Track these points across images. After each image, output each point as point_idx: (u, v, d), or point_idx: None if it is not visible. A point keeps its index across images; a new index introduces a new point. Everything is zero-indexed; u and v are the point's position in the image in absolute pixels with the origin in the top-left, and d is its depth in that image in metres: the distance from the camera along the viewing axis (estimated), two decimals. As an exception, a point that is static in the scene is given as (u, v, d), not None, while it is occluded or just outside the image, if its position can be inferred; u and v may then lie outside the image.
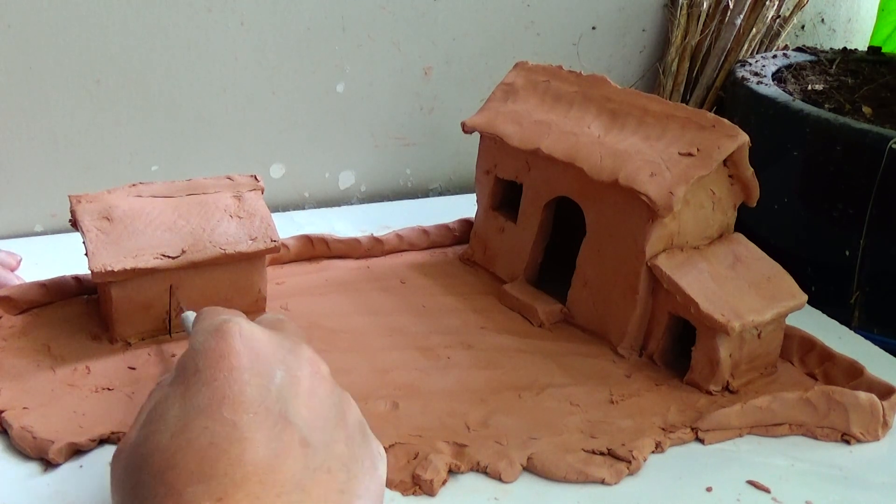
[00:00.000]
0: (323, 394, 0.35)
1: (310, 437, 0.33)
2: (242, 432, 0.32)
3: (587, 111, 0.57)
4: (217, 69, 0.71)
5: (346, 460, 0.34)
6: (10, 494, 0.40)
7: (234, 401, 0.33)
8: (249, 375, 0.34)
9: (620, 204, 0.53)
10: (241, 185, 0.54)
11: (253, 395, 0.33)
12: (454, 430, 0.46)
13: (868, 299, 0.63)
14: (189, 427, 0.32)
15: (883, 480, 0.46)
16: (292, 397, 0.34)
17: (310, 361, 0.36)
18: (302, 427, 0.33)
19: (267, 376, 0.34)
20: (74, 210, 0.50)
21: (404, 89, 0.80)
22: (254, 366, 0.34)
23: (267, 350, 0.35)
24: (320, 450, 0.33)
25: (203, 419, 0.32)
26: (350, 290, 0.60)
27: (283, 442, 0.32)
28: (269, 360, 0.35)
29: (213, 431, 0.32)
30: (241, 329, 0.35)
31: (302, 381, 0.35)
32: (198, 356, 0.34)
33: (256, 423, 0.32)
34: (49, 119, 0.66)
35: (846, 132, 0.61)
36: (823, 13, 1.00)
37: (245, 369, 0.34)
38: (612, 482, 0.44)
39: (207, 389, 0.33)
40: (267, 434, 0.32)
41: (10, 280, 0.56)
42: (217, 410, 0.32)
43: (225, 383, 0.33)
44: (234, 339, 0.35)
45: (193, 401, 0.33)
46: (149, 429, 0.33)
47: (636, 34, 0.89)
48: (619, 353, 0.54)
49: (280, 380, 0.34)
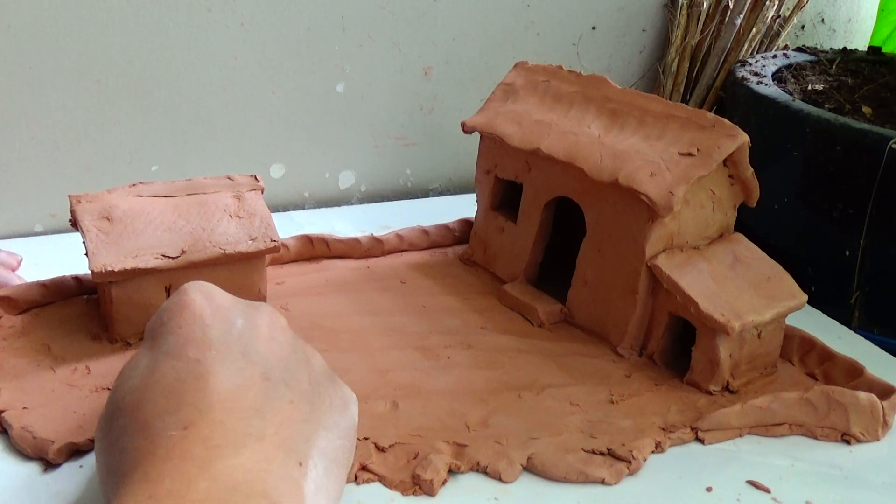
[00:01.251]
0: (283, 339, 0.38)
1: (270, 373, 0.36)
2: (206, 367, 0.34)
3: (587, 111, 0.57)
4: (217, 69, 0.71)
5: (310, 396, 0.37)
6: (10, 494, 0.40)
7: (197, 342, 0.35)
8: (211, 321, 0.37)
9: (620, 204, 0.53)
10: (241, 185, 0.54)
11: (215, 336, 0.36)
12: (454, 430, 0.46)
13: (868, 299, 0.63)
14: (157, 369, 0.35)
15: (883, 480, 0.46)
16: (253, 340, 0.37)
17: (269, 313, 0.39)
18: (262, 364, 0.36)
19: (228, 323, 0.37)
20: (74, 210, 0.50)
21: (404, 89, 0.80)
22: (215, 315, 0.37)
23: (226, 303, 0.38)
24: (280, 384, 0.36)
25: (170, 360, 0.35)
26: (350, 290, 0.60)
27: (245, 375, 0.35)
28: (229, 309, 0.38)
29: (178, 369, 0.34)
30: (200, 286, 0.38)
31: (261, 327, 0.38)
32: (162, 313, 0.38)
33: (219, 359, 0.35)
34: (49, 119, 0.66)
35: (846, 132, 0.61)
36: (823, 13, 1.00)
37: (207, 316, 0.37)
38: (612, 482, 0.44)
39: (172, 336, 0.36)
40: (229, 367, 0.35)
41: (11, 280, 0.56)
42: (182, 351, 0.35)
43: (189, 329, 0.36)
44: (194, 293, 0.38)
45: (161, 348, 0.36)
46: (120, 381, 0.36)
47: (636, 34, 0.89)
48: (619, 353, 0.54)
49: (240, 325, 0.37)
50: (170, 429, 0.32)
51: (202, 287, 0.38)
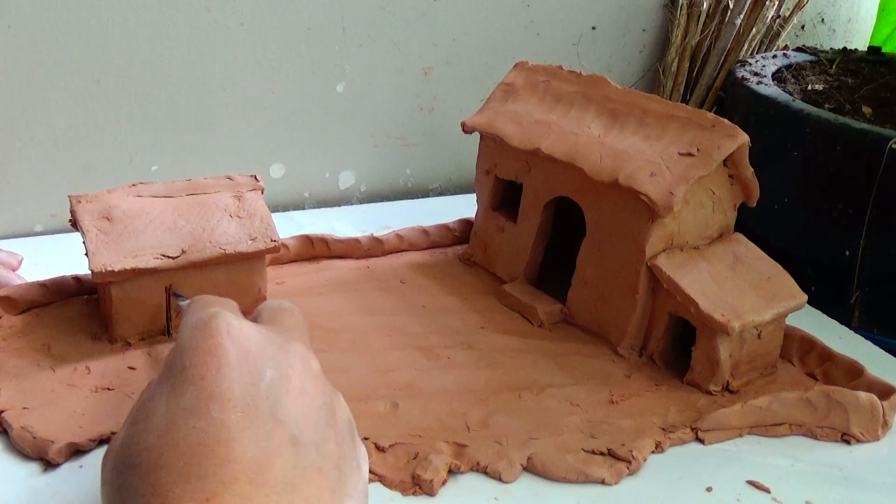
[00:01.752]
0: (314, 392, 0.35)
1: (300, 435, 0.32)
2: (231, 431, 0.31)
3: (587, 111, 0.57)
4: (217, 69, 0.71)
5: (337, 459, 0.33)
6: (10, 494, 0.40)
7: (221, 399, 0.32)
8: (238, 373, 0.33)
9: (620, 204, 0.53)
10: (241, 185, 0.54)
11: (241, 394, 0.32)
12: (454, 430, 0.46)
13: (868, 299, 0.63)
14: (176, 426, 0.31)
15: (883, 480, 0.46)
16: (282, 395, 0.33)
17: (301, 359, 0.35)
18: (292, 426, 0.32)
19: (256, 374, 0.33)
20: (74, 210, 0.50)
21: (404, 89, 0.80)
22: (242, 363, 0.33)
23: (256, 347, 0.34)
24: (311, 449, 0.32)
25: (191, 418, 0.31)
26: (350, 290, 0.60)
27: (273, 441, 0.32)
28: (258, 358, 0.34)
29: (200, 431, 0.31)
30: (230, 325, 0.34)
31: (292, 378, 0.34)
32: (184, 353, 0.34)
33: (245, 421, 0.32)
34: (49, 119, 0.66)
35: (846, 132, 0.61)
36: (823, 13, 1.00)
37: (233, 367, 0.33)
38: (612, 482, 0.44)
39: (194, 388, 0.32)
40: (256, 433, 0.31)
41: (11, 280, 0.56)
42: (205, 409, 0.32)
43: (212, 381, 0.32)
44: (222, 336, 0.34)
45: (180, 399, 0.32)
46: (136, 428, 0.33)
47: (636, 34, 0.89)
48: (619, 353, 0.54)
49: (270, 377, 0.33)
50: (189, 500, 0.29)
51: (231, 325, 0.34)
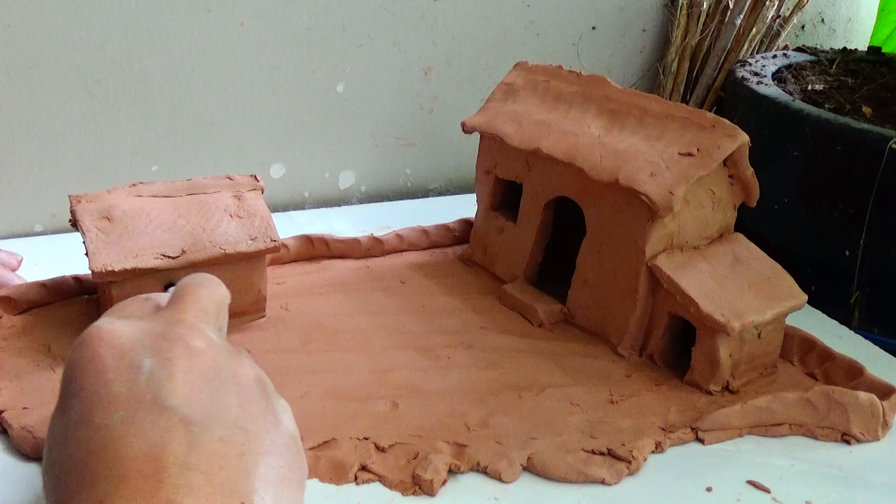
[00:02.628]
0: (202, 366, 0.35)
1: (190, 414, 0.33)
2: (115, 433, 0.32)
3: (587, 111, 0.57)
4: (217, 69, 0.71)
5: (243, 422, 0.34)
6: (10, 494, 0.40)
7: (103, 404, 0.33)
8: (114, 374, 0.33)
9: (620, 204, 0.53)
10: (241, 184, 0.54)
11: (120, 392, 0.33)
12: (454, 430, 0.46)
13: (868, 299, 0.63)
14: (67, 441, 0.32)
15: (883, 480, 0.46)
16: (165, 380, 0.33)
17: (181, 340, 0.35)
18: (181, 406, 0.33)
19: (134, 368, 0.34)
20: (74, 210, 0.50)
21: (404, 89, 0.80)
22: (118, 363, 0.34)
23: (131, 343, 0.35)
24: (206, 421, 0.33)
25: (78, 430, 0.32)
26: (350, 290, 0.60)
27: (160, 427, 0.32)
28: (135, 352, 0.34)
29: (88, 439, 0.32)
30: (101, 330, 0.35)
31: (175, 360, 0.34)
32: (67, 370, 0.35)
33: (128, 419, 0.32)
34: (49, 119, 0.66)
35: (846, 132, 0.61)
36: (823, 13, 1.00)
37: (109, 370, 0.34)
38: (612, 482, 0.44)
39: (78, 400, 0.33)
40: (141, 426, 0.32)
41: (11, 280, 0.56)
42: (89, 418, 0.32)
43: (92, 389, 0.33)
44: (94, 343, 0.34)
45: (69, 415, 0.33)
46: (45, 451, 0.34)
47: (636, 34, 0.89)
48: (619, 353, 0.54)
49: (149, 367, 0.34)
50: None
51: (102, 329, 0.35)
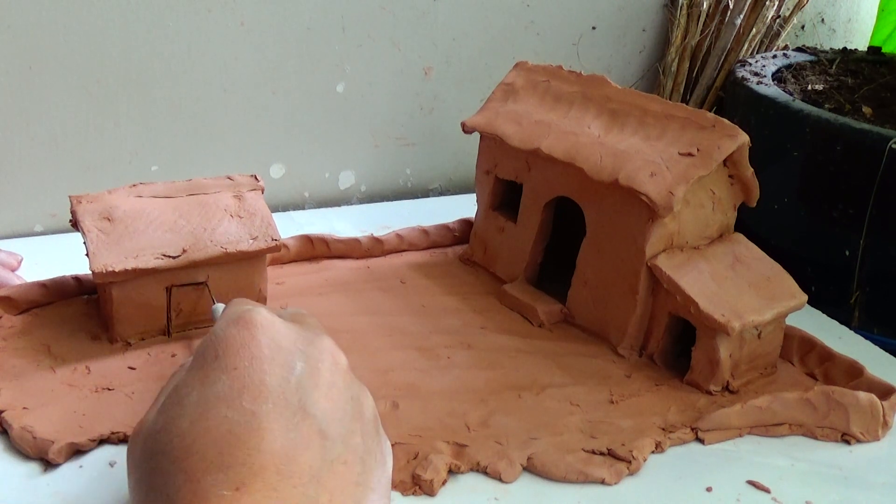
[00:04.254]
0: (342, 386, 0.35)
1: (328, 429, 0.33)
2: (261, 422, 0.32)
3: (587, 111, 0.57)
4: (217, 69, 0.71)
5: (362, 453, 0.34)
6: (10, 494, 0.40)
7: (253, 390, 0.33)
8: (269, 365, 0.34)
9: (620, 204, 0.53)
10: (242, 184, 0.54)
11: (273, 385, 0.33)
12: (454, 430, 0.46)
13: (868, 299, 0.63)
14: (208, 415, 0.32)
15: (883, 480, 0.46)
16: (312, 389, 0.34)
17: (330, 353, 0.36)
18: (320, 419, 0.33)
19: (287, 367, 0.34)
20: (75, 210, 0.50)
21: (404, 89, 0.80)
22: (274, 356, 0.34)
23: (287, 341, 0.35)
24: (338, 442, 0.33)
25: (222, 407, 0.32)
26: (350, 290, 0.60)
27: (302, 433, 0.32)
28: (290, 351, 0.35)
29: (232, 420, 0.32)
30: (263, 318, 0.35)
31: (322, 372, 0.35)
32: (218, 343, 0.34)
33: (275, 413, 0.32)
34: (49, 119, 0.66)
35: (846, 132, 0.61)
36: (823, 13, 1.00)
37: (265, 359, 0.34)
38: (612, 482, 0.44)
39: (227, 377, 0.33)
40: (285, 424, 0.32)
41: (11, 280, 0.56)
42: (237, 399, 0.32)
43: (245, 372, 0.33)
44: (255, 329, 0.35)
45: (213, 388, 0.33)
46: (167, 414, 0.33)
47: (636, 34, 0.89)
48: (619, 353, 0.54)
49: (300, 371, 0.34)
50: (220, 487, 0.30)
51: (265, 318, 0.35)
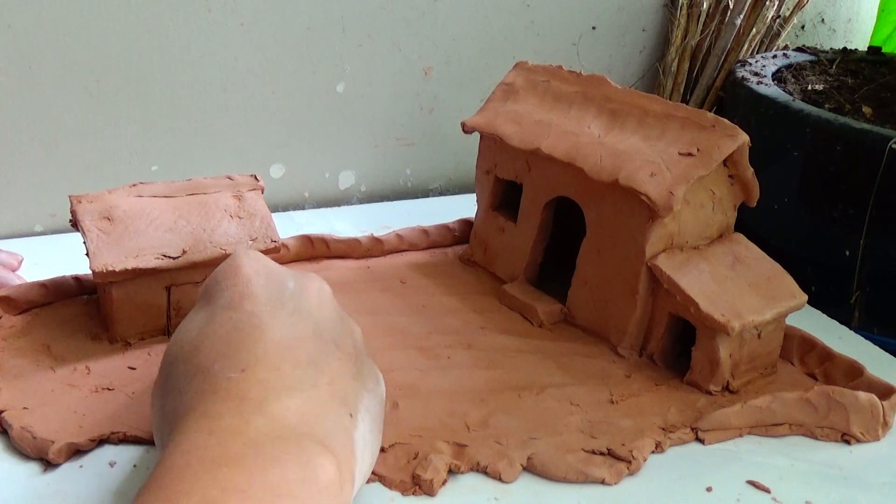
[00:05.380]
0: (330, 306, 0.40)
1: (321, 332, 0.37)
2: (262, 318, 0.36)
3: (587, 111, 0.57)
4: (217, 69, 0.71)
5: (355, 358, 0.38)
6: (10, 494, 0.40)
7: (252, 297, 0.37)
8: (265, 280, 0.38)
9: (620, 204, 0.53)
10: (241, 184, 0.54)
11: (269, 295, 0.37)
12: (454, 430, 0.46)
13: (868, 299, 0.63)
14: (214, 320, 0.36)
15: (883, 480, 0.46)
16: (303, 301, 0.38)
17: (317, 280, 0.41)
18: (313, 323, 0.37)
19: (280, 284, 0.39)
20: (75, 210, 0.50)
21: (404, 89, 0.80)
22: (266, 278, 0.39)
23: (276, 269, 0.40)
24: (330, 343, 0.37)
25: (227, 311, 0.37)
26: (350, 290, 0.60)
27: (298, 329, 0.36)
28: (281, 274, 0.39)
29: (235, 319, 0.36)
30: (251, 253, 0.40)
31: (310, 290, 0.39)
32: (216, 275, 0.39)
33: (274, 313, 0.37)
34: (49, 119, 0.66)
35: (846, 132, 0.61)
36: (823, 13, 1.00)
37: (259, 278, 0.38)
38: (612, 482, 0.44)
39: (227, 292, 0.38)
40: (284, 322, 0.36)
41: (11, 280, 0.56)
42: (238, 303, 0.37)
43: (243, 286, 0.38)
44: (246, 258, 0.39)
45: (217, 302, 0.37)
46: (177, 336, 0.37)
47: (636, 34, 0.89)
48: (619, 353, 0.54)
49: (292, 287, 0.39)
50: (228, 371, 0.33)
51: (252, 253, 0.40)
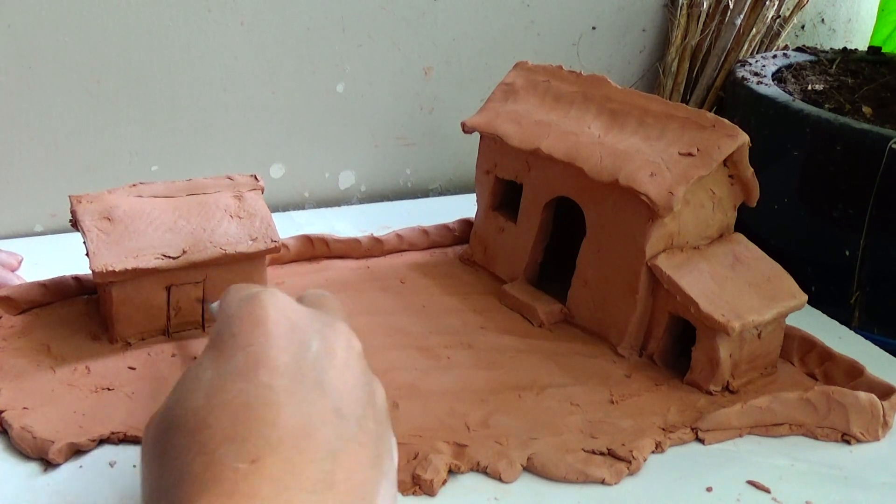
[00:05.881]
0: (356, 369, 0.35)
1: (343, 408, 0.33)
2: (278, 396, 0.31)
3: (587, 111, 0.57)
4: (217, 69, 0.71)
5: (375, 437, 0.34)
6: (10, 494, 0.40)
7: (270, 365, 0.32)
8: (285, 342, 0.33)
9: (620, 204, 0.53)
10: (241, 184, 0.54)
11: (289, 362, 0.33)
12: (454, 430, 0.46)
13: (868, 299, 0.63)
14: (224, 389, 0.32)
15: (883, 480, 0.46)
16: (328, 368, 0.33)
17: (345, 336, 0.36)
18: (336, 397, 0.33)
19: (303, 345, 0.34)
20: (75, 210, 0.50)
21: (404, 89, 0.80)
22: (289, 334, 0.34)
23: (302, 321, 0.35)
24: (352, 422, 0.33)
25: (239, 382, 0.32)
26: (350, 290, 0.60)
27: (318, 409, 0.32)
28: (305, 330, 0.34)
29: (248, 393, 0.31)
30: (276, 298, 0.35)
31: (337, 353, 0.34)
32: (232, 322, 0.34)
33: (292, 388, 0.32)
34: (49, 119, 0.66)
35: (846, 132, 0.61)
36: (823, 13, 1.00)
37: (281, 336, 0.33)
38: (612, 482, 0.44)
39: (243, 354, 0.33)
40: (302, 400, 0.32)
41: (11, 280, 0.56)
42: (253, 373, 0.32)
43: (261, 349, 0.33)
44: (270, 308, 0.34)
45: (228, 364, 0.33)
46: (181, 393, 0.33)
47: (636, 34, 0.89)
48: (619, 353, 0.54)
49: (316, 350, 0.34)
50: (236, 460, 0.29)
51: (277, 300, 0.35)
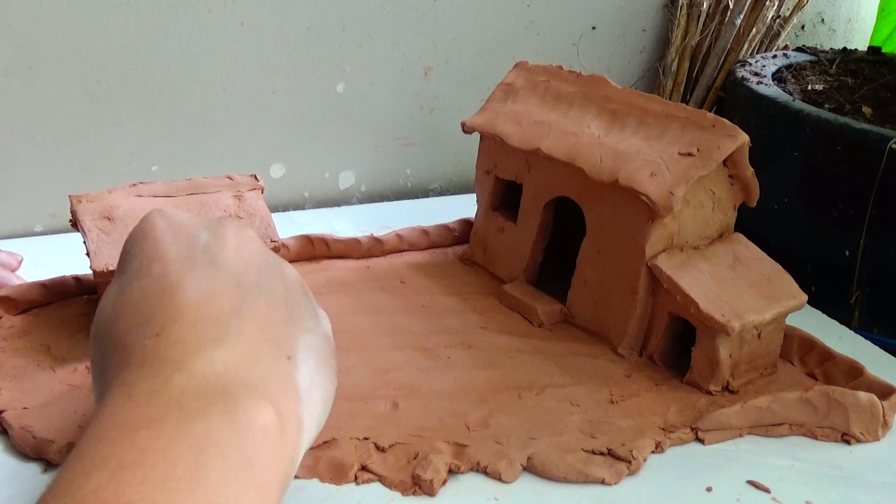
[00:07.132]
0: (253, 248, 0.37)
1: (242, 279, 0.34)
2: (172, 279, 0.33)
3: (587, 111, 0.57)
4: (217, 69, 0.71)
5: (287, 300, 0.35)
6: (10, 494, 0.40)
7: (161, 259, 0.34)
8: (173, 239, 0.35)
9: (620, 204, 0.53)
10: (241, 184, 0.54)
11: (179, 251, 0.35)
12: (454, 430, 0.46)
13: (868, 299, 0.63)
14: (125, 291, 0.34)
15: (883, 480, 0.46)
16: (220, 251, 0.35)
17: (235, 224, 0.37)
18: (233, 272, 0.34)
19: (192, 238, 0.35)
20: (75, 210, 0.50)
21: (404, 89, 0.80)
22: (176, 234, 0.36)
23: (188, 222, 0.37)
24: (254, 289, 0.34)
25: (135, 281, 0.34)
26: (350, 290, 0.60)
27: (216, 282, 0.33)
28: (192, 228, 0.36)
29: (146, 285, 0.33)
30: (161, 211, 0.37)
31: (228, 237, 0.36)
32: (126, 244, 0.36)
33: (185, 270, 0.34)
34: (49, 119, 0.66)
35: (846, 132, 0.61)
36: (823, 13, 1.00)
37: (168, 237, 0.35)
38: (612, 482, 0.44)
39: (136, 259, 0.35)
40: (197, 277, 0.33)
41: (11, 280, 0.56)
42: (147, 270, 0.34)
43: (151, 250, 0.35)
44: (157, 219, 0.36)
45: (126, 273, 0.35)
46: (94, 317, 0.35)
47: (636, 34, 0.89)
48: (619, 353, 0.54)
49: (206, 239, 0.36)
50: (142, 339, 0.31)
51: (162, 211, 0.37)
